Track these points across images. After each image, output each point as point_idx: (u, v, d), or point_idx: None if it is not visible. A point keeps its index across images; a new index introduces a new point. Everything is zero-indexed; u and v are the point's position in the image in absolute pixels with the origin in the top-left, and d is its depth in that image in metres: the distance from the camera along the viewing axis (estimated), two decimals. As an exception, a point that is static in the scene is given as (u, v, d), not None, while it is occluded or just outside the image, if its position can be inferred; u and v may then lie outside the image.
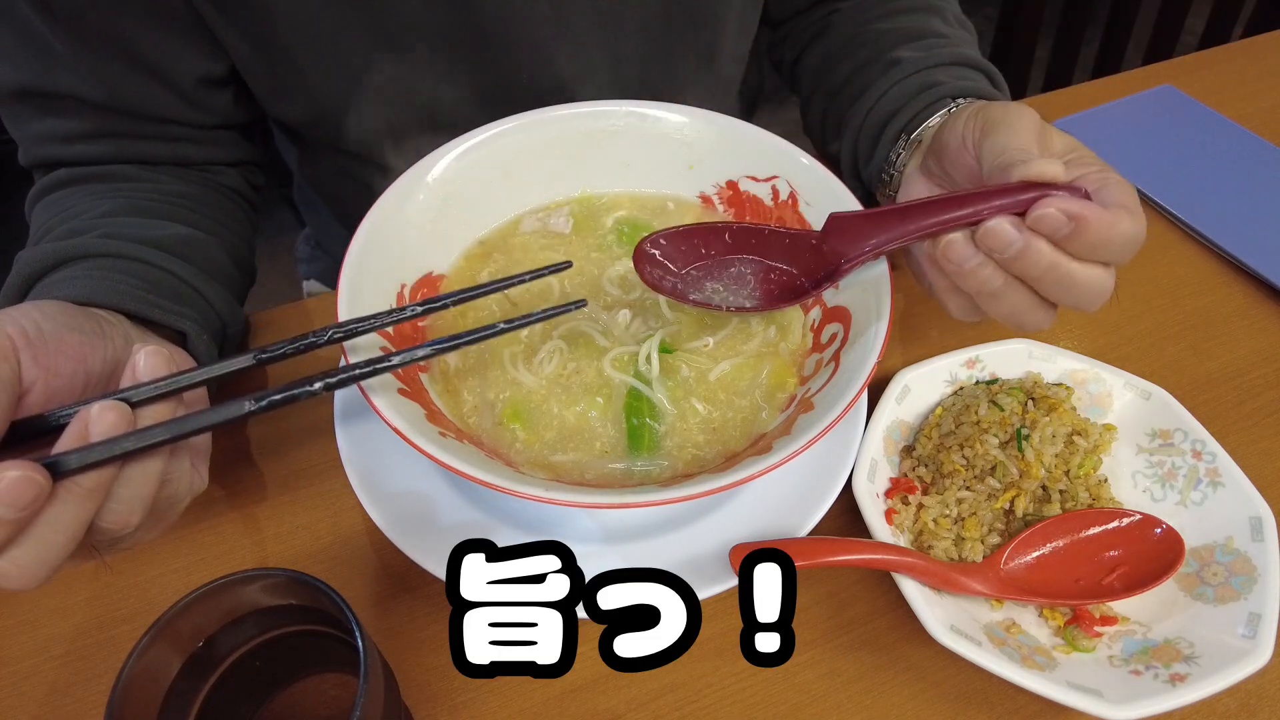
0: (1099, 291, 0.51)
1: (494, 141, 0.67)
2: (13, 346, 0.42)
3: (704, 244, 0.62)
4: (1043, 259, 0.49)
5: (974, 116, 0.57)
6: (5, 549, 0.39)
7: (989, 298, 0.52)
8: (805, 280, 0.61)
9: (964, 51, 0.74)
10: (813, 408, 0.53)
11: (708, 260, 0.62)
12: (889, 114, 0.72)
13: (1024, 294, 0.52)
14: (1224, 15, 1.62)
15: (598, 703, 0.57)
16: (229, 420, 0.45)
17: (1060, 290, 0.51)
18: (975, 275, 0.51)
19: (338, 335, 0.51)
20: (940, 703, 0.56)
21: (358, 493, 0.58)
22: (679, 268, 0.62)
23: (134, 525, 0.43)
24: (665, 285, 0.61)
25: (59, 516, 0.40)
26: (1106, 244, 0.48)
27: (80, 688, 0.57)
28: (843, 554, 0.56)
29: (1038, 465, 0.61)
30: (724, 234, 0.62)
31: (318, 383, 0.47)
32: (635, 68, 0.81)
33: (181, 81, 0.69)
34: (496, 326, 0.52)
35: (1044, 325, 0.54)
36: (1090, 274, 0.50)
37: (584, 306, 0.56)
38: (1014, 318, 0.53)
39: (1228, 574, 0.57)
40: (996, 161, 0.53)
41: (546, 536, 0.58)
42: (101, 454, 0.40)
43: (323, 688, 0.51)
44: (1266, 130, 0.97)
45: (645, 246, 0.61)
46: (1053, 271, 0.49)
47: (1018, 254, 0.49)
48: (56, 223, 0.64)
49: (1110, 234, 0.48)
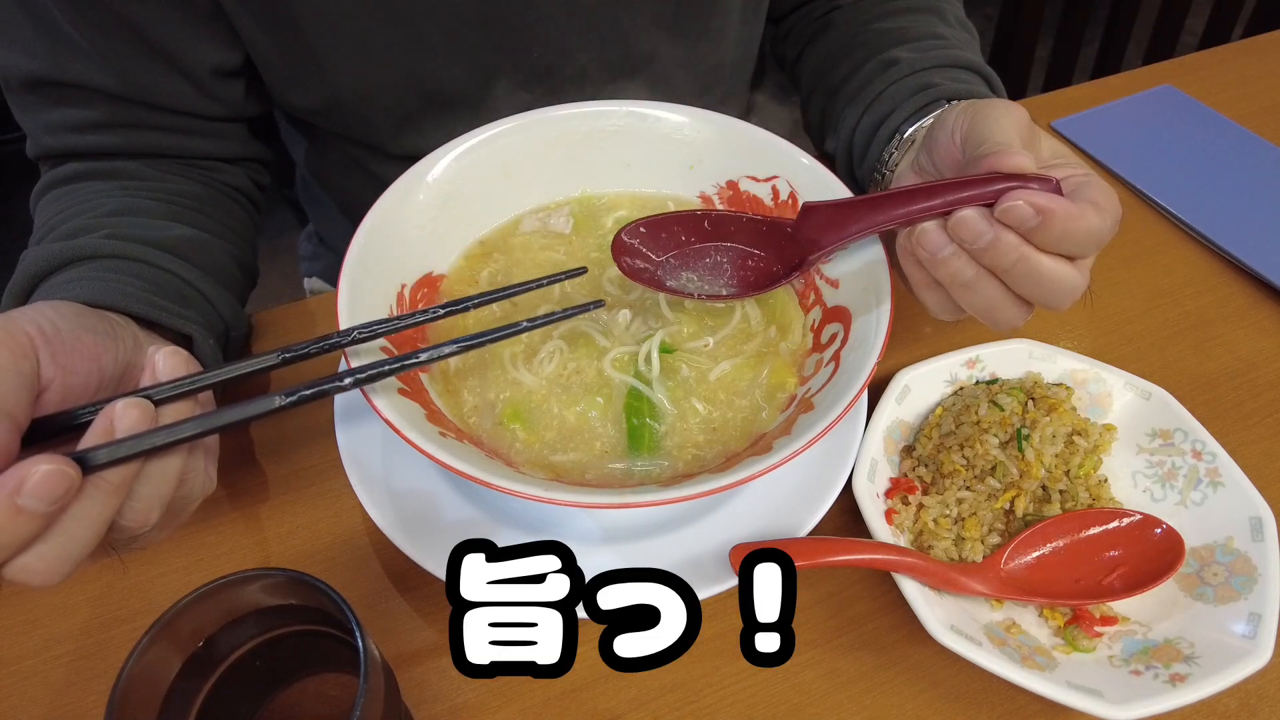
0: (1068, 289, 0.51)
1: (494, 141, 0.67)
2: (31, 344, 0.42)
3: (683, 231, 0.63)
4: (1011, 251, 0.49)
5: (965, 111, 0.57)
6: (32, 545, 0.39)
7: (962, 289, 0.52)
8: (780, 267, 0.61)
9: (962, 54, 0.75)
10: (813, 408, 0.53)
11: (686, 248, 0.63)
12: (884, 114, 0.72)
13: (996, 287, 0.52)
14: (1224, 15, 1.62)
15: (598, 703, 0.57)
16: (259, 415, 0.45)
17: (1029, 284, 0.51)
18: (948, 265, 0.52)
19: (363, 335, 0.51)
20: (940, 703, 0.56)
21: (358, 493, 0.58)
22: (658, 256, 0.63)
23: (152, 523, 0.44)
24: (643, 275, 0.62)
25: (85, 512, 0.40)
26: (1072, 236, 0.49)
27: (80, 687, 0.58)
28: (843, 554, 0.56)
29: (1038, 465, 0.61)
30: (703, 221, 0.63)
31: (348, 378, 0.48)
32: (644, 50, 0.81)
33: (196, 71, 0.70)
34: (520, 325, 0.53)
35: (1016, 323, 0.54)
36: (1058, 269, 0.50)
37: (602, 306, 0.58)
38: (988, 313, 0.53)
39: (1228, 574, 0.57)
40: (975, 153, 0.53)
41: (546, 536, 0.58)
42: (130, 449, 0.41)
43: (323, 688, 0.51)
44: (1266, 130, 0.97)
45: (623, 237, 0.62)
46: (1021, 264, 0.49)
47: (987, 245, 0.49)
48: (61, 220, 0.64)
49: (1075, 226, 0.48)
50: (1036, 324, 0.79)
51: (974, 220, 0.50)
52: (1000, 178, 0.50)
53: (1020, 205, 0.48)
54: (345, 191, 0.97)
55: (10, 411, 0.39)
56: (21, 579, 0.39)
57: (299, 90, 0.76)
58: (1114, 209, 0.50)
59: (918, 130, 0.68)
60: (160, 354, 0.46)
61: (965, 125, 0.56)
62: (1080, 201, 0.49)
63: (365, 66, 0.74)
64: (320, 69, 0.73)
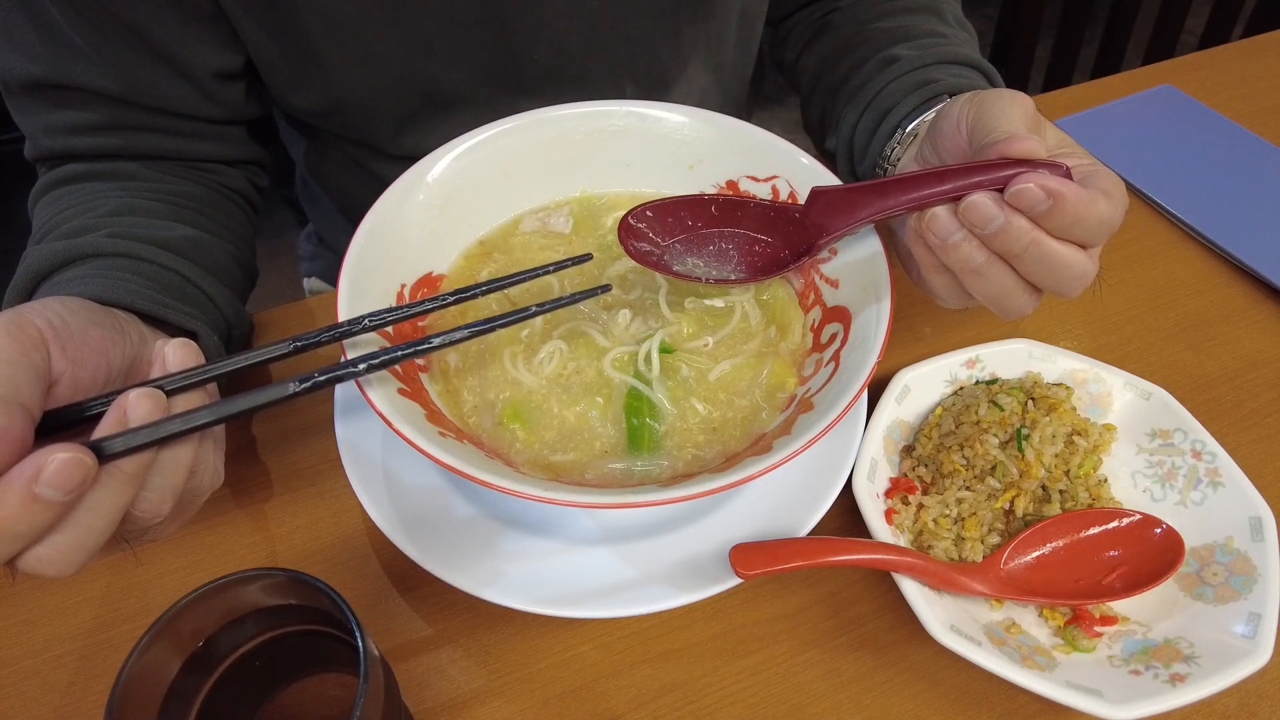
0: (1079, 274, 0.51)
1: (494, 141, 0.67)
2: (42, 338, 0.42)
3: (690, 216, 0.63)
4: (1023, 235, 0.49)
5: (970, 101, 0.57)
6: (46, 535, 0.39)
7: (972, 275, 0.52)
8: (788, 253, 0.61)
9: (962, 51, 0.75)
10: (813, 408, 0.53)
11: (692, 233, 0.63)
12: (885, 110, 0.72)
13: (1006, 273, 0.52)
14: (1224, 15, 1.62)
15: (597, 703, 0.57)
16: (273, 402, 0.45)
17: (1040, 269, 0.50)
18: (958, 251, 0.51)
19: (373, 323, 0.52)
20: (940, 703, 0.56)
21: (358, 493, 0.58)
22: (664, 240, 0.63)
23: (164, 514, 0.44)
24: (649, 258, 0.62)
25: (100, 502, 0.40)
26: (1083, 222, 0.48)
27: (80, 687, 0.57)
28: (843, 554, 0.56)
29: (1038, 465, 0.61)
30: (710, 206, 0.63)
31: (362, 364, 0.48)
32: (645, 51, 0.81)
33: (198, 73, 0.70)
34: (530, 309, 0.54)
35: (1026, 310, 0.53)
36: (1069, 254, 0.50)
37: (609, 291, 0.58)
38: (997, 300, 0.53)
39: (1228, 574, 0.57)
40: (982, 141, 0.53)
41: (546, 536, 0.58)
42: (146, 437, 0.41)
43: (323, 688, 0.51)
44: (1266, 130, 0.97)
45: (630, 220, 0.62)
46: (1033, 249, 0.49)
47: (998, 229, 0.49)
48: (61, 220, 0.64)
49: (1086, 212, 0.48)
50: (1036, 324, 0.79)
51: (985, 204, 0.49)
52: (1011, 163, 0.50)
53: (1032, 188, 0.48)
54: (345, 191, 0.97)
55: (24, 403, 0.39)
56: (36, 569, 0.40)
57: (300, 92, 0.76)
58: (1122, 197, 0.50)
59: (919, 125, 0.68)
60: (170, 345, 0.46)
61: (971, 115, 0.56)
62: (1090, 189, 0.49)
63: (367, 68, 0.74)
64: (322, 71, 0.74)
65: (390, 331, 0.56)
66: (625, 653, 0.59)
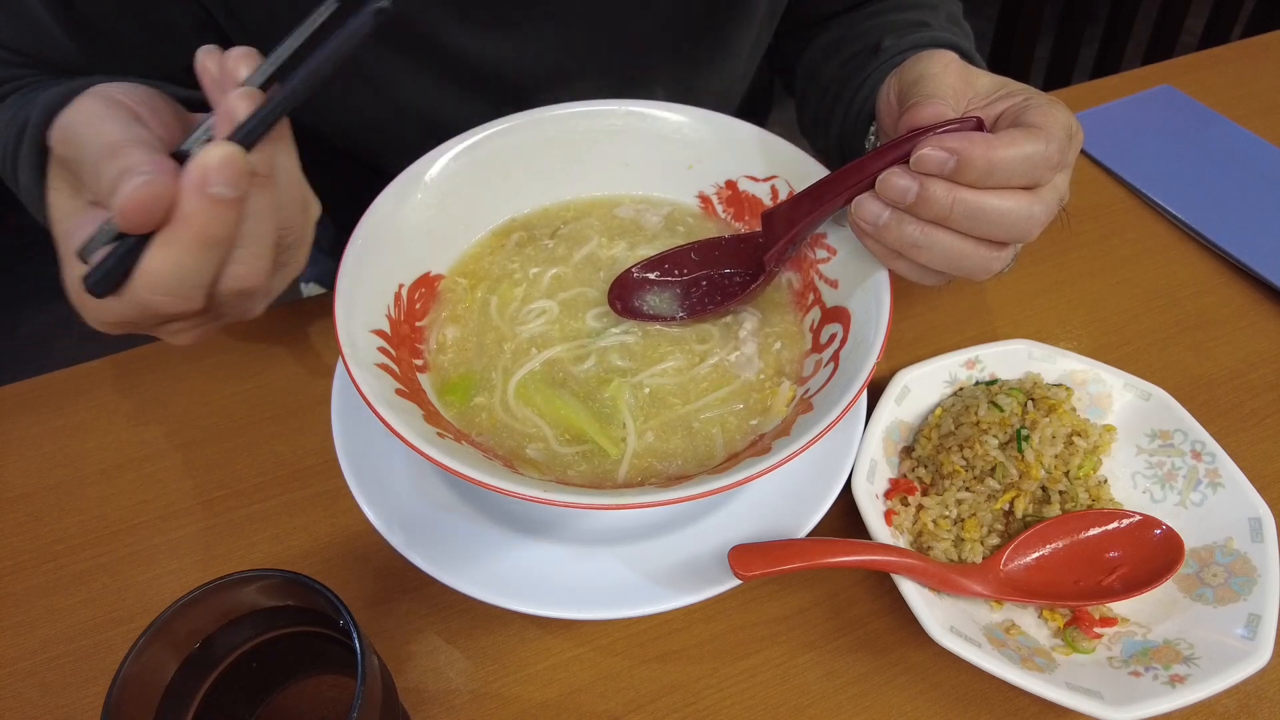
0: (1022, 218, 0.50)
1: (492, 141, 0.67)
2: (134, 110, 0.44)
3: (675, 266, 0.65)
4: (944, 197, 0.49)
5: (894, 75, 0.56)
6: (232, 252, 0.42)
7: (918, 251, 0.52)
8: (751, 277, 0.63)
9: (944, 35, 0.74)
10: (812, 408, 0.53)
11: (678, 282, 0.65)
12: (865, 98, 0.73)
13: (950, 238, 0.51)
14: (1224, 15, 1.62)
15: (596, 705, 0.57)
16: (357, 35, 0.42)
17: (977, 223, 0.50)
18: (891, 231, 0.51)
19: None
20: (939, 704, 0.56)
21: (355, 494, 0.58)
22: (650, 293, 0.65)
23: (264, 273, 0.45)
24: (637, 313, 0.64)
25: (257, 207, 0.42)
26: (1001, 166, 0.48)
27: (77, 689, 0.57)
28: (842, 555, 0.55)
29: (1037, 466, 0.61)
30: (689, 253, 0.65)
31: None
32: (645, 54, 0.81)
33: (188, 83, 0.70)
34: None
35: (994, 266, 0.52)
36: (1001, 202, 0.49)
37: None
38: (957, 264, 0.52)
39: (1227, 575, 0.57)
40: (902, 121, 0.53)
41: (545, 538, 0.58)
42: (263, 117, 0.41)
43: (320, 689, 0.51)
44: (1266, 130, 0.97)
45: (615, 289, 0.64)
46: (959, 207, 0.49)
47: (916, 199, 0.49)
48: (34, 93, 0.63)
49: (1000, 155, 0.47)
50: (1036, 324, 0.79)
51: (895, 178, 0.50)
52: (919, 132, 0.50)
53: (929, 152, 0.48)
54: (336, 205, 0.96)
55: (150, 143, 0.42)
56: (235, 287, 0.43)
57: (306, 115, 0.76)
58: (1055, 126, 0.49)
59: None
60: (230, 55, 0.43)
61: (896, 89, 0.56)
62: (1012, 129, 0.48)
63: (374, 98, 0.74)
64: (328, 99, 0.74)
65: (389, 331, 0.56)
66: (624, 654, 0.59)
